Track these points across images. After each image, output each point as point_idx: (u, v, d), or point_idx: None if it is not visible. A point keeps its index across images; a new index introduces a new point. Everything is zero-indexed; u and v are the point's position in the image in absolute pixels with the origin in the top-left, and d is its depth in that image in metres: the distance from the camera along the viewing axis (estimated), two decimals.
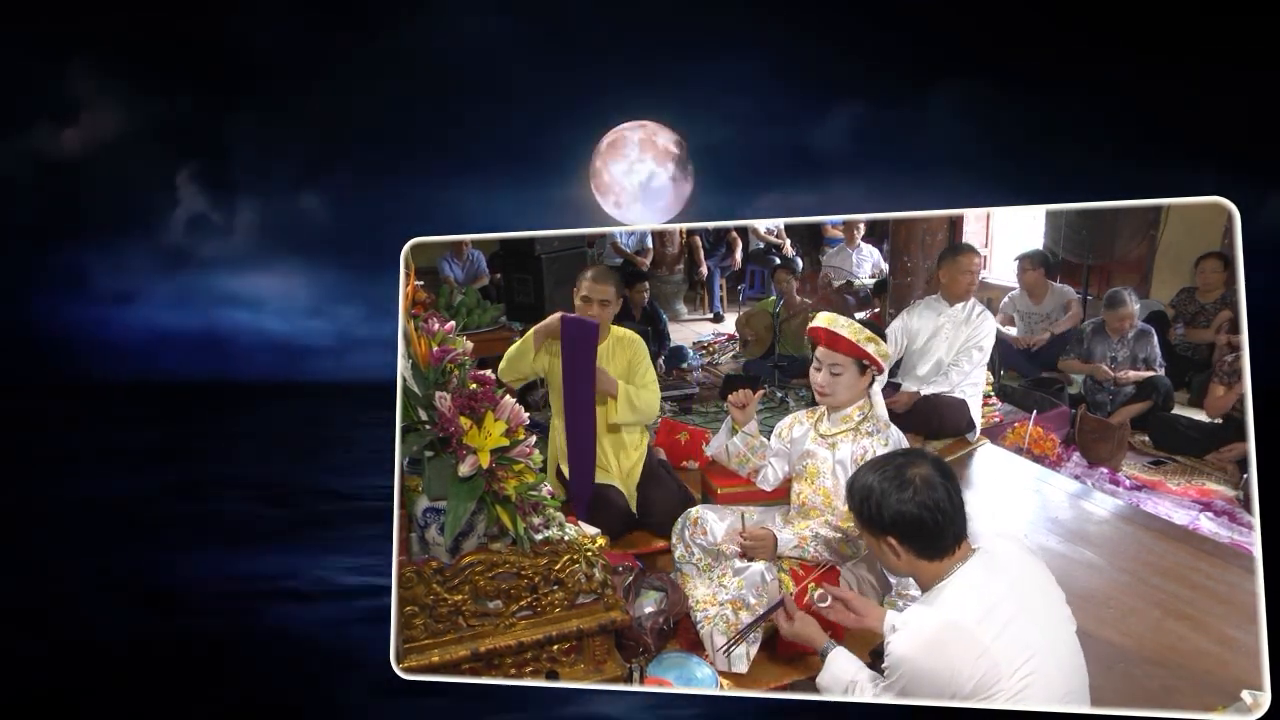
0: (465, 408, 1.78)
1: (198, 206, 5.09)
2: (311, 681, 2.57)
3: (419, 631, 1.79)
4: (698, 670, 1.89)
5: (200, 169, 4.97)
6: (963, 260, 2.21)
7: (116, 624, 2.93)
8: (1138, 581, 1.89)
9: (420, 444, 1.82)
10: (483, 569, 1.82)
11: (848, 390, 1.97)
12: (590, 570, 1.88)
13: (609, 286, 2.21)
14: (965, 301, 2.23)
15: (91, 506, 3.94)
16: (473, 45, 4.40)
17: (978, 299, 2.24)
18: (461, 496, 1.77)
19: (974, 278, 2.22)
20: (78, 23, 4.49)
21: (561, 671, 1.87)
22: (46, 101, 4.82)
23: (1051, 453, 2.15)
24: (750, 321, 2.62)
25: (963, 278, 2.22)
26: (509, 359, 2.23)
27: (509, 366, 2.23)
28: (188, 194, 5.06)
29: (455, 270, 2.39)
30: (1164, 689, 1.66)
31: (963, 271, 2.22)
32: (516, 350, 2.23)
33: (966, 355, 2.23)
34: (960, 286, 2.22)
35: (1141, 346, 2.08)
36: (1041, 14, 3.53)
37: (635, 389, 2.23)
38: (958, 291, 2.23)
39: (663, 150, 3.60)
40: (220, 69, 4.65)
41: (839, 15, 3.78)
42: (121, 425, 5.12)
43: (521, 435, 1.84)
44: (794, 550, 1.95)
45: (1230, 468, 1.89)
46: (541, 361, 2.23)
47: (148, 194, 5.10)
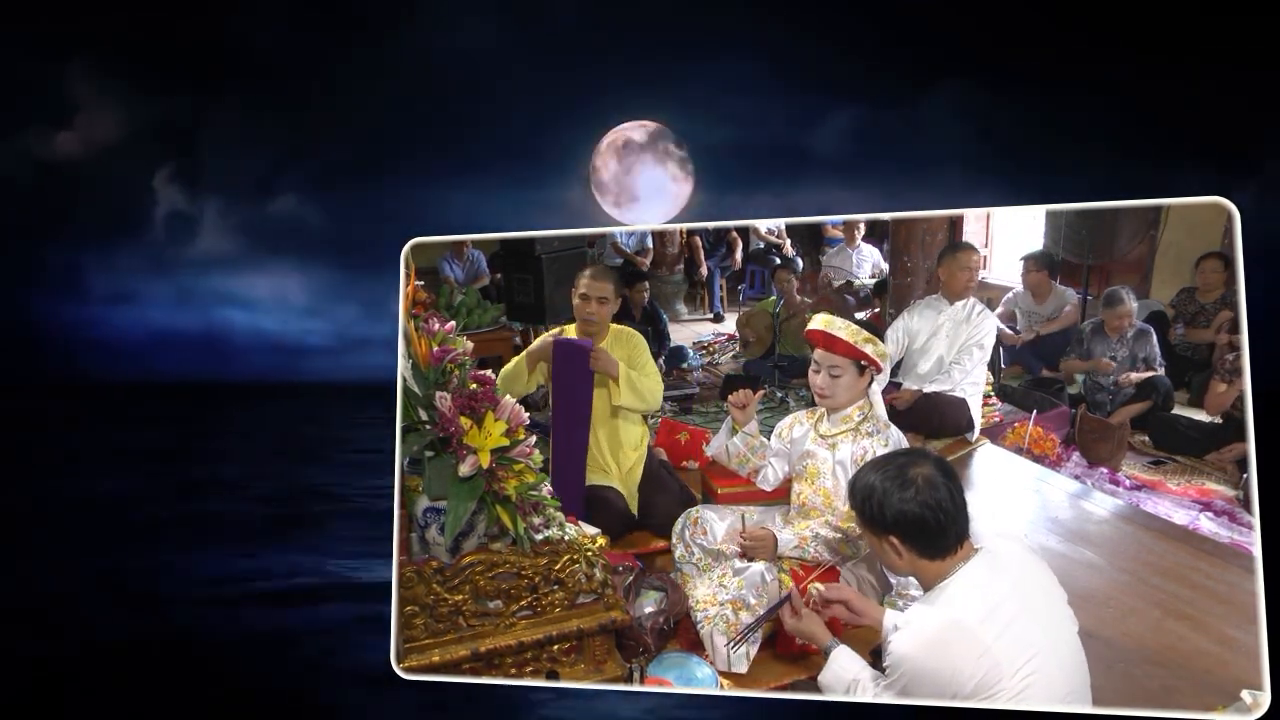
0: (465, 408, 1.78)
1: (197, 207, 5.09)
2: (311, 681, 2.57)
3: (419, 631, 1.79)
4: (698, 670, 1.89)
5: (200, 169, 4.97)
6: (961, 257, 2.22)
7: (115, 623, 2.93)
8: (1138, 581, 1.89)
9: (421, 444, 1.82)
10: (483, 569, 1.82)
11: (847, 391, 1.97)
12: (590, 570, 1.88)
13: (608, 284, 2.21)
14: (965, 300, 2.24)
15: (91, 506, 3.95)
16: (473, 45, 4.40)
17: (978, 298, 2.24)
18: (462, 496, 1.77)
19: (972, 275, 2.23)
20: (77, 23, 4.50)
21: (562, 671, 1.87)
22: (46, 102, 4.83)
23: (1051, 453, 2.15)
24: (750, 321, 2.62)
25: (961, 274, 2.22)
26: (504, 379, 2.22)
27: (504, 386, 2.20)
28: (187, 194, 5.06)
29: (455, 270, 2.39)
30: (1164, 689, 1.66)
31: (961, 268, 2.22)
32: (511, 372, 2.23)
33: (968, 353, 2.23)
34: (959, 283, 2.23)
35: (1141, 346, 2.08)
36: (1041, 14, 3.53)
37: (636, 374, 2.23)
38: (956, 289, 2.24)
39: (663, 150, 3.60)
40: (220, 70, 4.65)
41: (839, 16, 3.79)
42: (121, 425, 5.12)
43: (522, 435, 1.84)
44: (794, 550, 1.95)
45: (1230, 468, 1.89)
46: (536, 381, 2.24)
47: (145, 195, 5.10)
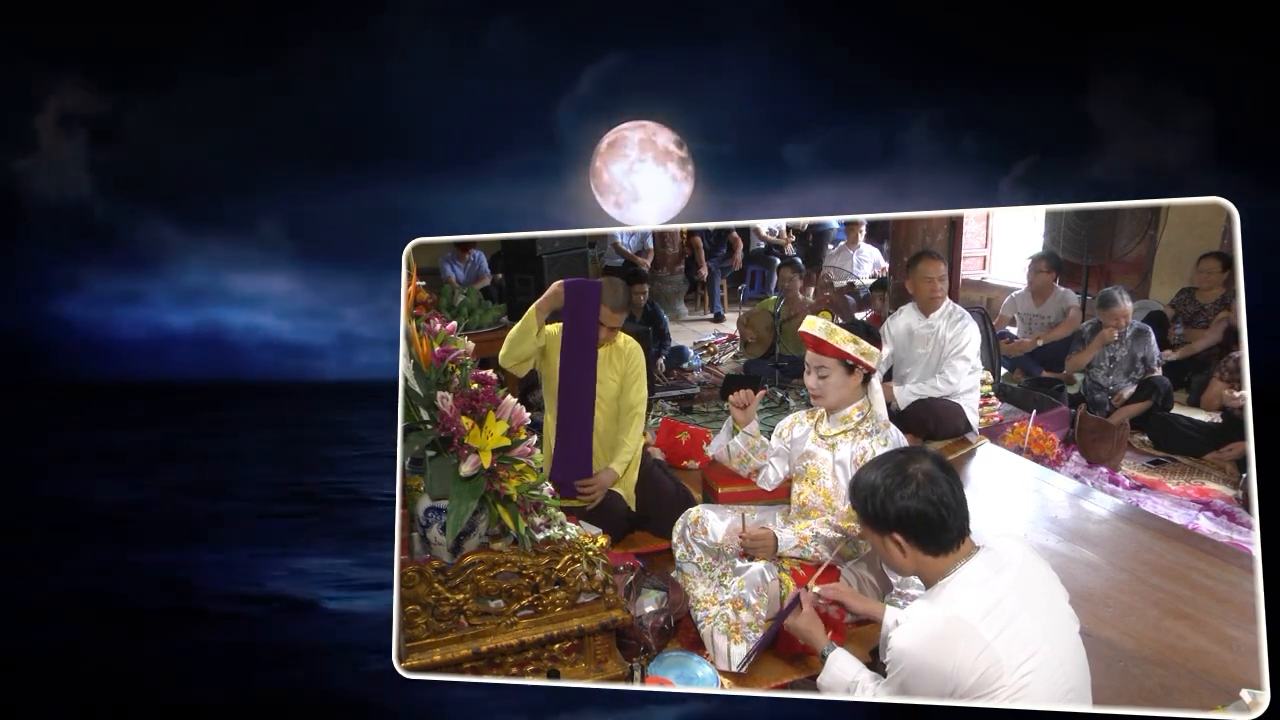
0: (467, 407, 1.79)
1: (196, 206, 5.09)
2: (310, 680, 2.57)
3: (421, 630, 1.80)
4: (698, 669, 1.89)
5: (199, 169, 4.98)
6: (921, 268, 2.17)
7: (116, 623, 2.93)
8: (1137, 581, 1.89)
9: (422, 444, 1.83)
10: (484, 568, 1.82)
11: (836, 392, 1.98)
12: (591, 569, 1.88)
13: (624, 315, 2.23)
14: (939, 310, 2.19)
15: (91, 506, 3.95)
16: (473, 45, 4.40)
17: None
18: (463, 496, 1.78)
19: (935, 285, 2.17)
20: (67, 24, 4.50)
21: (563, 670, 1.87)
22: (45, 103, 4.83)
23: (1051, 452, 2.15)
24: (751, 321, 2.63)
25: (924, 285, 2.17)
26: (510, 341, 2.20)
27: (509, 351, 2.19)
28: (186, 194, 5.06)
29: (457, 271, 2.39)
30: (1163, 688, 1.66)
31: (923, 279, 2.17)
32: (517, 331, 2.20)
33: (951, 367, 2.20)
34: (923, 295, 2.18)
35: (1139, 345, 2.09)
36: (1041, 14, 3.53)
37: (624, 445, 2.24)
38: (922, 300, 2.19)
39: (663, 150, 3.61)
40: (219, 69, 4.65)
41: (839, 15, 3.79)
42: (122, 425, 5.12)
43: (523, 435, 1.85)
44: (794, 550, 1.95)
45: (1229, 467, 1.90)
46: (542, 340, 2.21)
47: (144, 195, 5.11)
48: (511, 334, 2.22)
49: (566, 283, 2.18)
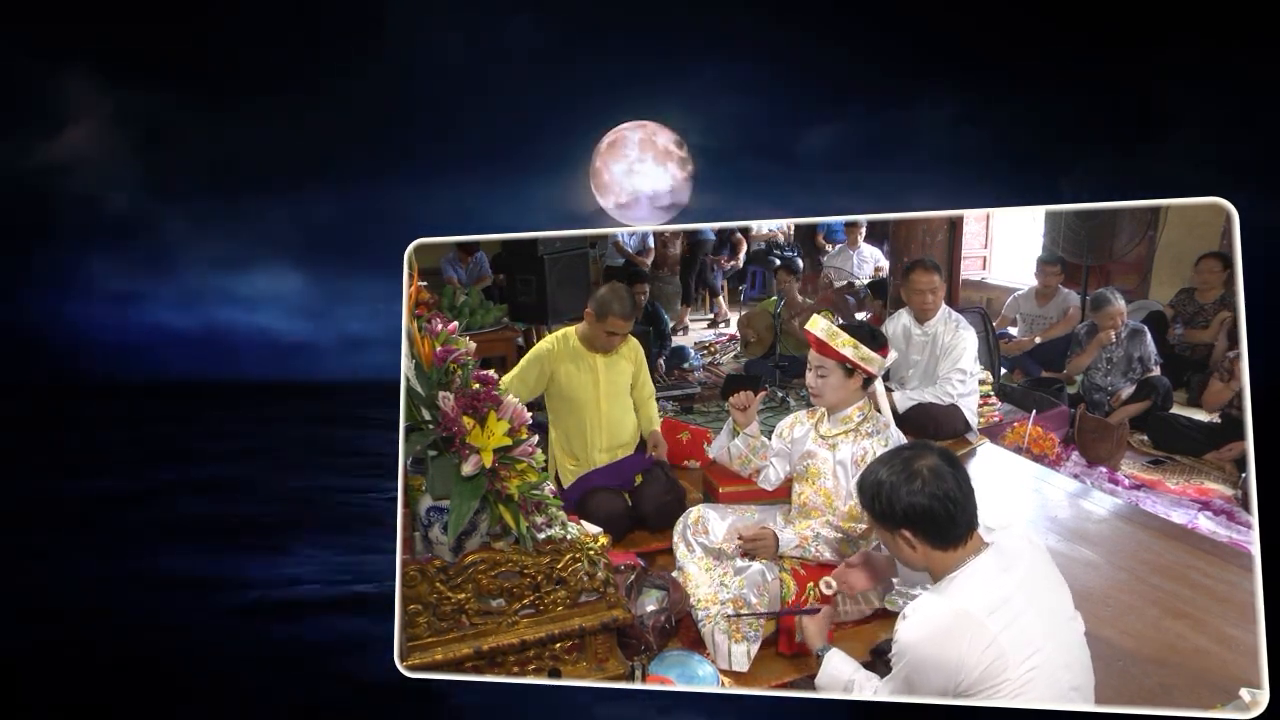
0: (468, 407, 1.79)
1: (196, 206, 5.09)
2: (311, 681, 2.58)
3: (422, 630, 1.80)
4: (699, 668, 1.90)
5: (199, 169, 4.97)
6: (914, 278, 2.16)
7: (116, 623, 2.93)
8: (1136, 580, 1.90)
9: (424, 443, 1.83)
10: (486, 567, 1.83)
11: (834, 392, 1.98)
12: (592, 569, 1.88)
13: (632, 323, 2.25)
14: (936, 318, 2.19)
15: (91, 506, 3.95)
16: (473, 45, 4.41)
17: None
18: (464, 495, 1.78)
19: (926, 297, 2.16)
20: (76, 23, 4.50)
21: (564, 669, 1.88)
22: (45, 103, 4.83)
23: (1051, 452, 2.16)
24: (751, 321, 2.63)
25: (915, 297, 2.17)
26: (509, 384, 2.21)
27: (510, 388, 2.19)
28: (186, 194, 5.06)
29: (458, 271, 2.39)
30: (1162, 687, 1.67)
31: (914, 291, 2.16)
32: (517, 380, 2.25)
33: (948, 380, 2.19)
34: (916, 305, 2.18)
35: (1135, 345, 2.09)
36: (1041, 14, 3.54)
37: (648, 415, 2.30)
38: (916, 310, 2.19)
39: (663, 150, 3.61)
40: (219, 70, 4.65)
41: (839, 16, 3.79)
42: (121, 425, 5.12)
43: (524, 435, 1.85)
44: (795, 550, 1.96)
45: (1229, 467, 1.90)
46: (542, 385, 2.27)
47: (145, 194, 5.11)
48: (512, 378, 2.26)
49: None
